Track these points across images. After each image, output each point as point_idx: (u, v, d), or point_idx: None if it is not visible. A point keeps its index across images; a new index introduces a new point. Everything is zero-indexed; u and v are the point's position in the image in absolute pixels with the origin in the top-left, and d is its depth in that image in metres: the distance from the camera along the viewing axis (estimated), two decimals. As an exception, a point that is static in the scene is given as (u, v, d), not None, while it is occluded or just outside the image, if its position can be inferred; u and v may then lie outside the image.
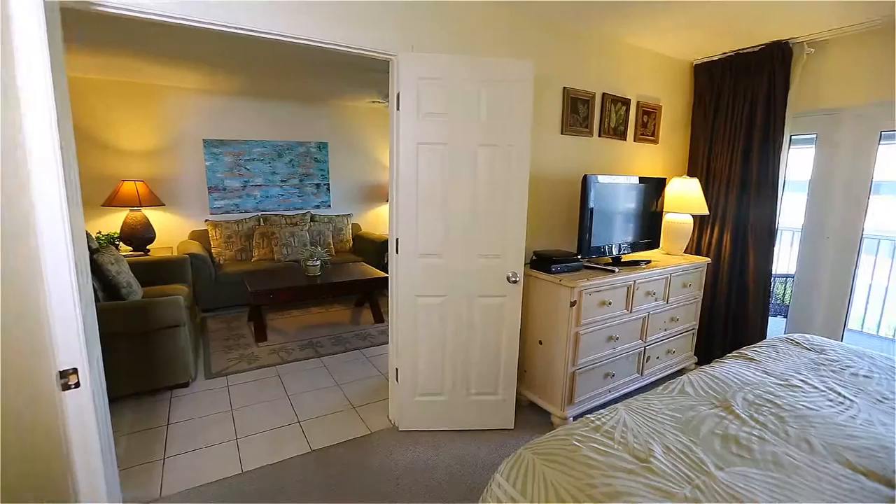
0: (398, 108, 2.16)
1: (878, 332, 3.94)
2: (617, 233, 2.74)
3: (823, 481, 1.21)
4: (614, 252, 2.73)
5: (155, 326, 2.63)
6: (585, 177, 2.50)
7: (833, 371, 1.84)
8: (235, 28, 1.77)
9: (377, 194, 5.99)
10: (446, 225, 2.26)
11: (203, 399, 2.75)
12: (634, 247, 2.87)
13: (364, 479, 2.05)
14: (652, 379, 2.85)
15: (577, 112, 2.83)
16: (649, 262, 2.77)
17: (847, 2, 2.30)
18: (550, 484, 1.18)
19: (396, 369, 2.41)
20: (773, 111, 2.91)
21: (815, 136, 3.01)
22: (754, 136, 3.00)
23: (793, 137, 3.00)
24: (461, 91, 2.16)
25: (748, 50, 3.01)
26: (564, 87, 2.75)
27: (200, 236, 4.76)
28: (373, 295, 4.23)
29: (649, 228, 2.95)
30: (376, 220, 6.07)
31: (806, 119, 2.98)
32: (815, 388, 1.69)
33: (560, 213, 2.87)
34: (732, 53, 3.10)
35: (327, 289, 3.96)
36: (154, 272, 3.57)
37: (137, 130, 4.44)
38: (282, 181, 5.34)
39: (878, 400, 1.63)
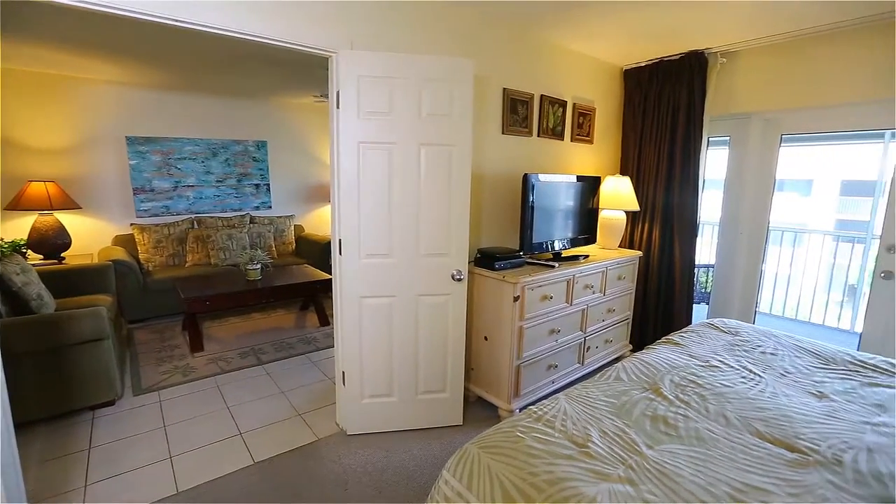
0: (338, 107, 2.12)
1: (783, 313, 4.40)
2: (557, 229, 2.86)
3: (737, 451, 1.34)
4: (555, 248, 2.84)
5: (72, 341, 2.40)
6: (526, 175, 2.58)
7: (745, 351, 2.03)
8: (155, 17, 1.65)
9: (321, 194, 5.83)
10: (390, 225, 2.25)
11: (132, 417, 2.55)
12: (574, 242, 3.00)
13: (311, 488, 2.00)
14: (592, 367, 3.00)
15: (517, 112, 2.91)
16: (587, 256, 2.92)
17: (753, 18, 2.54)
18: (495, 476, 1.21)
19: (343, 372, 2.37)
20: (692, 115, 3.16)
21: (728, 138, 3.30)
22: (677, 138, 3.24)
23: (710, 139, 3.27)
24: (403, 90, 2.15)
25: (670, 58, 3.24)
26: (504, 88, 2.82)
27: (126, 241, 4.40)
28: (317, 297, 4.12)
29: (587, 224, 3.10)
30: (320, 221, 5.91)
31: (721, 122, 3.25)
32: (731, 367, 1.86)
33: (504, 210, 2.94)
34: (657, 60, 3.33)
35: (269, 293, 3.80)
36: (71, 282, 3.26)
37: (47, 126, 4.02)
38: (217, 181, 5.05)
39: (781, 374, 1.83)
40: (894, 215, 2.62)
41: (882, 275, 2.69)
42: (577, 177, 2.96)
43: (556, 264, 2.62)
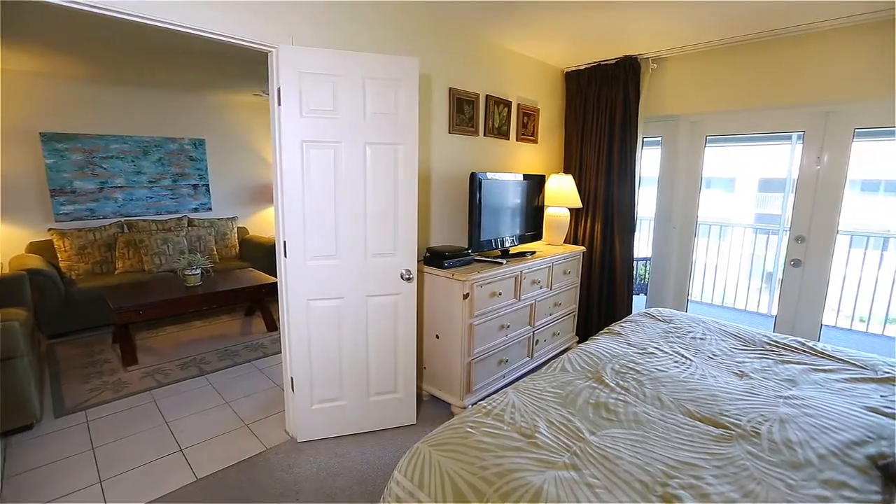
0: (279, 104, 2.05)
1: (712, 300, 4.77)
2: (505, 227, 2.92)
3: (671, 430, 1.44)
4: (503, 245, 2.91)
5: (-21, 361, 2.15)
6: (473, 174, 2.62)
7: (678, 337, 2.18)
8: (69, 2, 1.52)
9: (265, 195, 5.60)
10: (337, 225, 2.21)
11: (54, 441, 2.33)
12: (521, 239, 3.09)
13: (259, 501, 1.92)
14: (541, 360, 3.10)
15: (463, 112, 2.95)
16: (534, 252, 3.00)
17: (679, 28, 2.72)
18: (446, 473, 1.23)
19: (291, 378, 2.30)
20: (628, 116, 3.34)
21: (661, 138, 3.51)
22: (615, 138, 3.41)
23: (645, 139, 3.47)
24: (347, 88, 2.12)
25: (607, 62, 3.40)
26: (450, 88, 2.84)
27: (43, 248, 4.01)
28: (264, 302, 3.96)
29: (533, 221, 3.19)
30: (265, 223, 5.69)
31: (654, 123, 3.46)
32: (665, 352, 1.99)
33: (452, 209, 2.97)
34: (595, 64, 3.48)
35: (210, 299, 3.61)
36: (-24, 295, 2.93)
37: (-59, 121, 3.58)
38: (150, 182, 4.73)
39: (709, 357, 1.98)
40: (800, 210, 2.91)
41: (792, 262, 2.98)
42: (524, 175, 3.04)
43: (504, 261, 2.68)
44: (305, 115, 2.07)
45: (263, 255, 4.86)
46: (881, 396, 1.64)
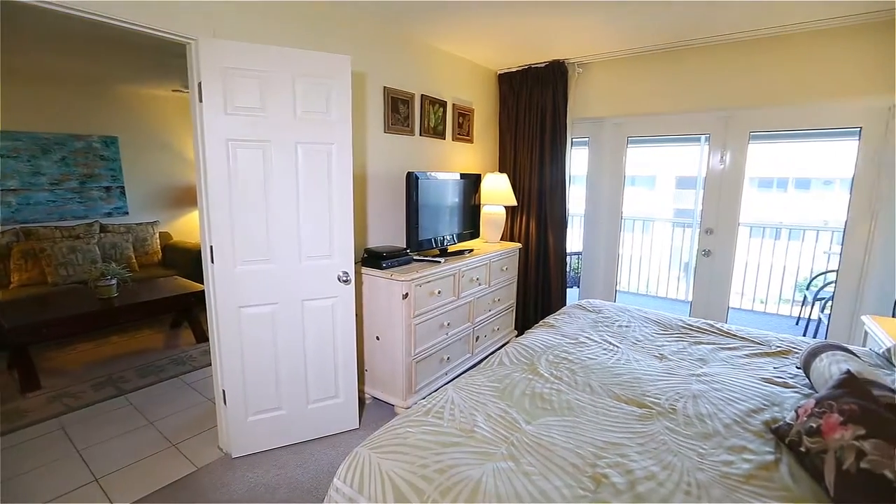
0: (201, 100, 1.93)
1: (638, 290, 5.13)
2: (443, 226, 2.95)
3: (600, 414, 1.53)
4: (441, 244, 2.94)
5: None
6: (409, 174, 2.62)
7: (606, 326, 2.33)
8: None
9: (190, 197, 5.23)
10: (268, 228, 2.11)
11: (-65, 482, 2.03)
12: (460, 237, 3.14)
13: (190, 523, 1.80)
14: (482, 356, 3.17)
15: (399, 112, 2.94)
16: (472, 251, 3.06)
17: (601, 36, 2.89)
18: (386, 475, 1.22)
19: (223, 391, 2.17)
20: (558, 118, 3.49)
21: (588, 139, 3.72)
22: (546, 138, 3.56)
23: (574, 140, 3.65)
24: (276, 85, 2.03)
25: (537, 65, 3.54)
26: (385, 87, 2.82)
27: (-85, 262, 3.47)
28: (192, 312, 3.71)
29: (471, 220, 3.25)
30: (191, 227, 5.31)
31: (581, 125, 3.65)
32: (595, 341, 2.12)
33: (390, 209, 2.95)
34: (526, 67, 3.61)
35: (128, 312, 3.31)
36: None
37: None
38: (52, 184, 4.24)
39: (633, 343, 2.13)
40: (709, 204, 3.21)
41: (703, 252, 3.28)
42: (461, 175, 3.09)
43: (443, 260, 2.71)
44: (231, 112, 1.97)
45: (190, 261, 4.54)
46: (774, 368, 1.86)
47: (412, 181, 2.62)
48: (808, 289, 4.18)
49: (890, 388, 1.39)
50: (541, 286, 3.76)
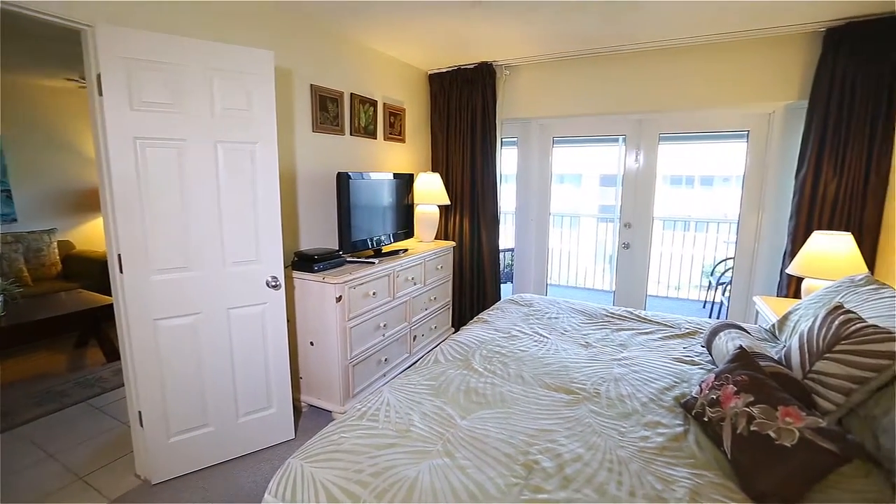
0: (100, 93, 1.76)
1: (567, 283, 5.41)
2: (376, 226, 2.92)
3: (531, 403, 1.60)
4: (375, 244, 2.90)
5: None
6: (340, 174, 2.57)
7: (537, 319, 2.43)
8: None
9: (96, 201, 4.71)
10: (187, 233, 1.97)
11: None
12: (394, 238, 3.12)
13: (103, 561, 1.64)
14: (420, 355, 3.18)
15: (328, 110, 2.86)
16: (406, 250, 3.06)
17: (524, 40, 3.01)
18: (320, 484, 1.19)
19: (139, 412, 1.99)
20: (487, 118, 3.59)
21: (517, 139, 3.85)
22: (477, 138, 3.64)
23: (504, 140, 3.77)
24: (190, 79, 1.90)
25: (467, 66, 3.61)
26: (312, 84, 2.73)
27: None
28: (100, 328, 3.36)
29: (405, 220, 3.25)
30: (98, 235, 4.79)
31: (510, 125, 3.78)
32: (526, 334, 2.21)
33: (322, 211, 2.87)
34: (456, 68, 3.66)
35: (19, 333, 2.93)
36: None
37: None
38: (-87, 188, 3.64)
39: (561, 333, 2.25)
40: (627, 200, 3.46)
41: (623, 245, 3.53)
42: (394, 174, 3.08)
43: (377, 261, 2.68)
44: (137, 108, 1.81)
45: (97, 272, 4.11)
46: (683, 348, 2.05)
47: (343, 181, 2.57)
48: (712, 275, 4.65)
49: (774, 359, 1.59)
50: (476, 283, 3.84)
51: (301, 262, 2.44)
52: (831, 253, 2.19)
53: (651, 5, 2.40)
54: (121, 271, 1.90)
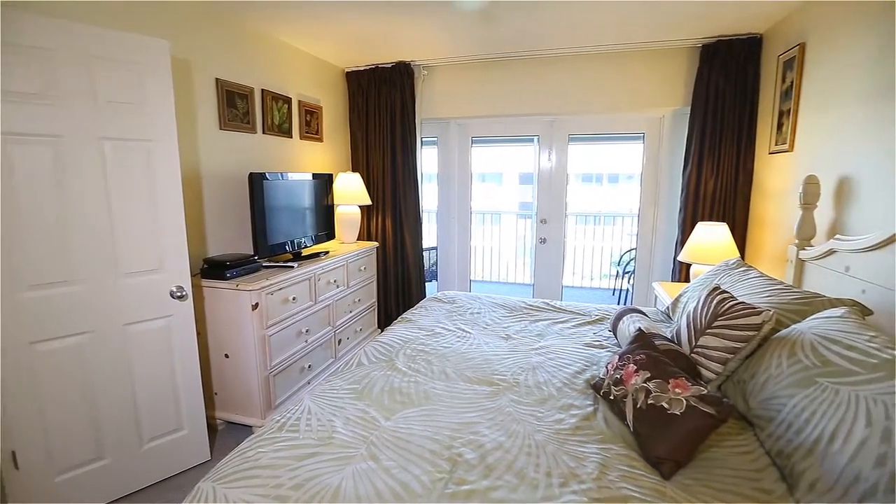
0: (-55, 82, 1.49)
1: (490, 278, 5.60)
2: (295, 228, 2.80)
3: (455, 398, 1.63)
4: (294, 247, 2.79)
5: None
6: (252, 174, 2.43)
7: (460, 315, 2.49)
8: None
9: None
10: (67, 242, 1.74)
11: None
12: (315, 240, 3.01)
13: None
14: (347, 359, 3.10)
15: (236, 107, 2.69)
16: (328, 252, 2.97)
17: (442, 41, 3.05)
18: None
19: (13, 452, 1.73)
20: (407, 118, 3.59)
21: (437, 138, 3.90)
22: (397, 137, 3.63)
23: (424, 139, 3.80)
24: (68, 69, 1.68)
25: (384, 65, 3.58)
26: (218, 79, 2.55)
27: None
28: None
29: (325, 221, 3.15)
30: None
31: (430, 125, 3.81)
32: (450, 330, 2.25)
33: (234, 214, 2.69)
34: (373, 66, 3.62)
35: None
36: None
37: None
38: None
39: (483, 327, 2.33)
40: (542, 197, 3.66)
41: (540, 240, 3.73)
42: (312, 175, 2.97)
43: (296, 264, 2.57)
44: (3, 98, 1.56)
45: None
46: (593, 334, 2.22)
47: (257, 182, 2.43)
48: (619, 265, 5.08)
49: (667, 338, 1.78)
50: (401, 283, 3.84)
51: (211, 269, 2.27)
52: (711, 241, 2.49)
53: (560, 6, 2.56)
54: (-17, 289, 1.63)
